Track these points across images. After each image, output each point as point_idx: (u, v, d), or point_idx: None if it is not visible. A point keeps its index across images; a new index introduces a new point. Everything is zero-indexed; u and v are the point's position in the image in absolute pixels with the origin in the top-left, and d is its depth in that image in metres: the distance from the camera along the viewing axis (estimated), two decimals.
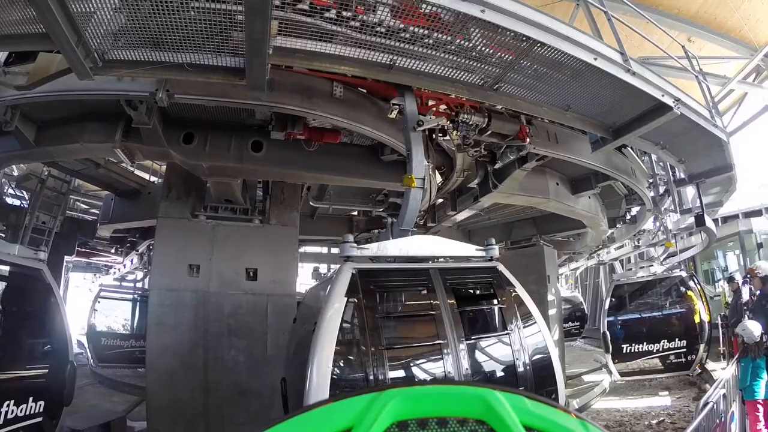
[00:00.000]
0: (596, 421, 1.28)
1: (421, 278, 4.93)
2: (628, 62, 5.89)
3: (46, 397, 6.02)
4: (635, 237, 15.54)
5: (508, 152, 8.00)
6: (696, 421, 4.91)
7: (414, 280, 5.01)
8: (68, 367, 6.36)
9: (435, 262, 5.22)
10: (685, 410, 10.25)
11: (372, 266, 4.95)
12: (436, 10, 4.62)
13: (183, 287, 7.97)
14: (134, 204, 12.38)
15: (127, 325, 17.06)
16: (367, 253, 4.93)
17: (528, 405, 1.23)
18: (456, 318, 4.66)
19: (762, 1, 13.85)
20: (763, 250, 17.99)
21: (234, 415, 7.88)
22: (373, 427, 1.14)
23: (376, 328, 4.46)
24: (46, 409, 5.98)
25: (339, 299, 4.41)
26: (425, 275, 4.92)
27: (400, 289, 5.20)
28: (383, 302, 4.92)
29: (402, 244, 5.11)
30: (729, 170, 9.25)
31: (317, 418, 1.21)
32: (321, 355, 4.12)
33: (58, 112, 6.78)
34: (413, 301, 5.19)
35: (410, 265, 5.12)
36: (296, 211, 9.04)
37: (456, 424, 1.22)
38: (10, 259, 6.14)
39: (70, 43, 3.89)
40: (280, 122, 6.83)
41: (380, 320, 4.55)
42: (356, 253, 4.82)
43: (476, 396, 1.23)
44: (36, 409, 5.87)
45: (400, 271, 5.12)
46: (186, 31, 4.20)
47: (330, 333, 4.23)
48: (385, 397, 1.20)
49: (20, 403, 5.67)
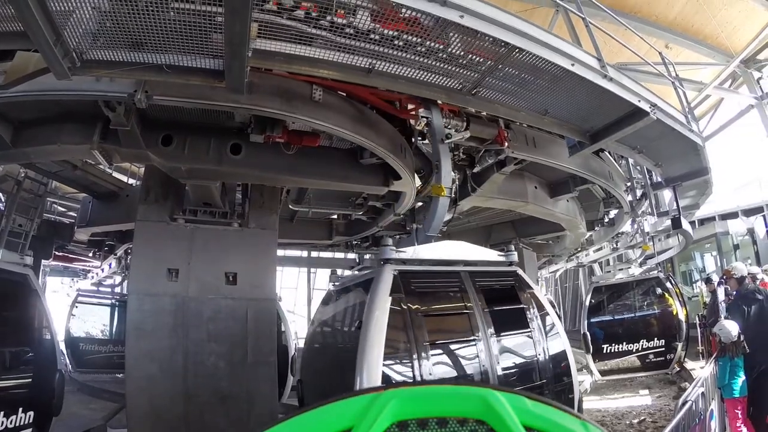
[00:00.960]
0: None
1: (453, 280, 5.52)
2: (605, 68, 5.98)
3: (36, 408, 5.89)
4: (614, 239, 15.69)
5: (487, 156, 8.06)
6: (675, 420, 4.99)
7: (448, 282, 5.57)
8: (56, 376, 6.27)
9: (464, 266, 5.73)
10: (665, 409, 10.38)
11: (411, 268, 5.38)
12: (416, 14, 4.66)
13: (162, 292, 7.86)
14: (112, 207, 12.19)
15: (106, 330, 16.87)
16: (404, 256, 5.41)
17: (528, 405, 1.24)
18: (486, 316, 5.28)
19: (738, 9, 14.15)
20: (739, 251, 18.29)
21: (215, 421, 7.80)
22: (373, 427, 1.15)
23: (420, 325, 4.92)
24: (35, 419, 5.86)
25: (384, 298, 4.83)
26: (457, 277, 5.52)
27: (437, 290, 5.62)
28: (423, 301, 5.28)
29: (434, 249, 5.73)
30: (705, 174, 9.41)
31: (317, 418, 1.21)
32: (372, 352, 4.51)
33: (36, 112, 6.67)
34: (448, 300, 5.60)
35: (443, 267, 5.65)
36: (276, 215, 8.98)
37: (456, 424, 1.22)
38: None
39: (49, 42, 3.84)
40: (260, 125, 6.80)
41: (422, 318, 5.02)
42: (395, 256, 5.33)
43: (476, 396, 1.23)
44: (26, 420, 5.74)
45: (435, 273, 5.61)
46: (165, 32, 4.17)
47: (379, 330, 4.64)
48: (385, 397, 1.20)
49: (10, 414, 5.53)
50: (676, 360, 12.60)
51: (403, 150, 7.69)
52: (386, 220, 11.64)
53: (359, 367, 4.44)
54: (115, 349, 15.31)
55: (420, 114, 6.53)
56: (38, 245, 12.61)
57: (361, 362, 4.45)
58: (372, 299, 4.82)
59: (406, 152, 7.86)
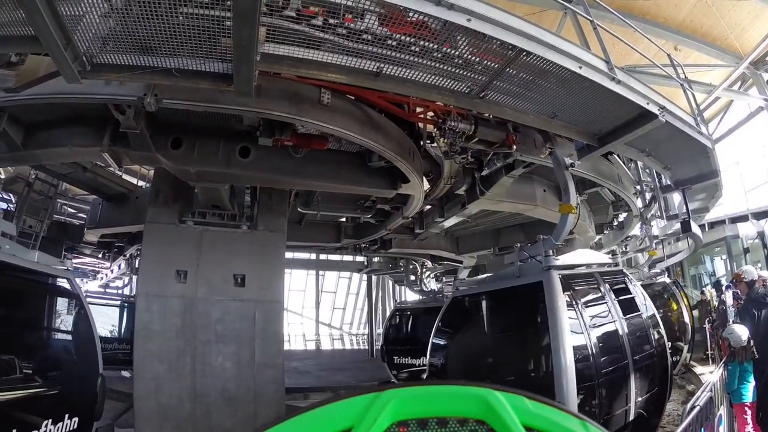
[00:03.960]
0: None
1: (592, 279, 6.84)
2: (614, 71, 5.96)
3: (80, 413, 5.78)
4: (623, 243, 15.63)
5: (495, 159, 8.04)
6: (684, 424, 4.99)
7: (589, 281, 6.81)
8: (99, 380, 6.18)
9: (595, 268, 7.17)
10: (674, 414, 10.29)
11: (567, 272, 6.38)
12: (423, 18, 4.66)
13: (170, 293, 7.91)
14: (122, 209, 12.29)
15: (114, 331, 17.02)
16: (559, 263, 6.46)
17: (528, 405, 1.24)
18: (616, 304, 6.65)
19: (748, 11, 14.05)
20: (749, 255, 18.16)
21: (222, 421, 7.83)
22: (373, 427, 1.15)
23: (585, 321, 6.00)
24: (80, 425, 5.74)
25: (561, 298, 5.77)
26: (593, 277, 6.85)
27: (587, 287, 6.75)
28: (581, 296, 6.42)
29: (574, 256, 7.15)
30: (714, 177, 9.34)
31: (317, 419, 1.22)
32: (565, 351, 5.38)
33: (47, 115, 6.74)
34: (593, 294, 6.76)
35: (584, 270, 6.97)
36: (284, 217, 9.01)
37: (456, 424, 1.23)
38: (41, 269, 5.96)
39: (59, 46, 3.88)
40: (268, 128, 6.83)
41: (584, 308, 6.15)
42: (558, 263, 6.42)
43: (476, 396, 1.23)
44: (71, 426, 5.61)
45: (582, 275, 6.82)
46: (174, 36, 4.20)
47: (566, 328, 5.55)
48: (385, 397, 1.20)
49: (57, 420, 5.40)
50: (681, 362, 12.55)
51: (412, 153, 7.70)
52: (394, 223, 11.64)
53: (559, 368, 5.30)
54: (120, 347, 15.42)
55: (546, 145, 7.45)
56: (48, 246, 12.70)
57: (560, 361, 5.33)
58: (551, 301, 5.74)
59: (415, 155, 7.87)
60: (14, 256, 5.62)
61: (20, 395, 5.18)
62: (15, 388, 5.14)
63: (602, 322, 6.42)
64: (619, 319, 6.51)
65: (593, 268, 7.09)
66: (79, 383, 6.04)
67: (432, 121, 7.13)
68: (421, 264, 19.06)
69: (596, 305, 6.58)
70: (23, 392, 5.23)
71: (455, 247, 16.18)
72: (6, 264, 5.44)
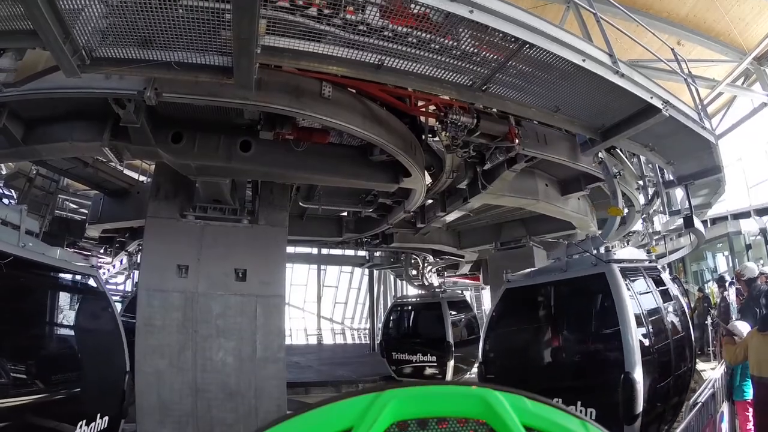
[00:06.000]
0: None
1: (637, 271, 7.46)
2: (617, 64, 5.91)
3: (109, 411, 5.71)
4: (625, 238, 15.59)
5: (497, 153, 8.00)
6: (686, 420, 5.02)
7: (636, 273, 7.39)
8: (126, 378, 6.17)
9: (636, 263, 7.73)
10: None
11: (623, 265, 6.95)
12: (425, 10, 4.62)
13: (171, 288, 7.92)
14: (123, 204, 12.29)
15: None
16: (617, 258, 7.06)
17: (528, 405, 1.22)
18: (657, 293, 7.44)
19: (751, 6, 13.98)
20: (751, 251, 18.11)
21: (222, 416, 7.85)
22: (373, 427, 1.14)
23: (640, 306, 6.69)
24: (109, 423, 5.66)
25: (625, 289, 6.42)
26: (639, 270, 7.51)
27: (637, 278, 7.33)
28: (637, 286, 7.07)
29: (624, 252, 7.91)
30: (717, 172, 9.30)
31: (317, 418, 1.20)
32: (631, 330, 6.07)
33: (47, 110, 6.71)
34: (642, 284, 7.35)
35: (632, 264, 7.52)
36: (285, 212, 9.01)
37: (456, 423, 1.21)
38: (68, 266, 5.85)
39: (58, 41, 3.87)
40: (269, 122, 6.80)
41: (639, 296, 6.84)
42: (617, 257, 7.06)
43: (476, 396, 1.21)
44: (102, 426, 5.52)
45: (632, 268, 7.37)
46: (174, 29, 4.17)
47: (630, 310, 6.22)
48: (385, 397, 1.19)
49: (90, 421, 5.31)
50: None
51: (414, 147, 7.67)
52: (396, 217, 11.64)
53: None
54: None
55: (594, 155, 8.08)
56: (50, 242, 12.69)
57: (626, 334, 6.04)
58: (616, 288, 6.40)
59: (417, 149, 7.84)
60: (43, 255, 5.47)
61: (58, 397, 5.12)
62: (54, 391, 5.10)
63: (650, 307, 7.09)
64: (660, 305, 7.32)
65: (635, 263, 7.67)
66: (109, 382, 6.01)
67: (434, 115, 7.10)
68: (423, 258, 19.07)
69: (644, 294, 7.19)
70: (60, 395, 5.17)
71: (457, 242, 16.18)
72: (36, 263, 5.31)
